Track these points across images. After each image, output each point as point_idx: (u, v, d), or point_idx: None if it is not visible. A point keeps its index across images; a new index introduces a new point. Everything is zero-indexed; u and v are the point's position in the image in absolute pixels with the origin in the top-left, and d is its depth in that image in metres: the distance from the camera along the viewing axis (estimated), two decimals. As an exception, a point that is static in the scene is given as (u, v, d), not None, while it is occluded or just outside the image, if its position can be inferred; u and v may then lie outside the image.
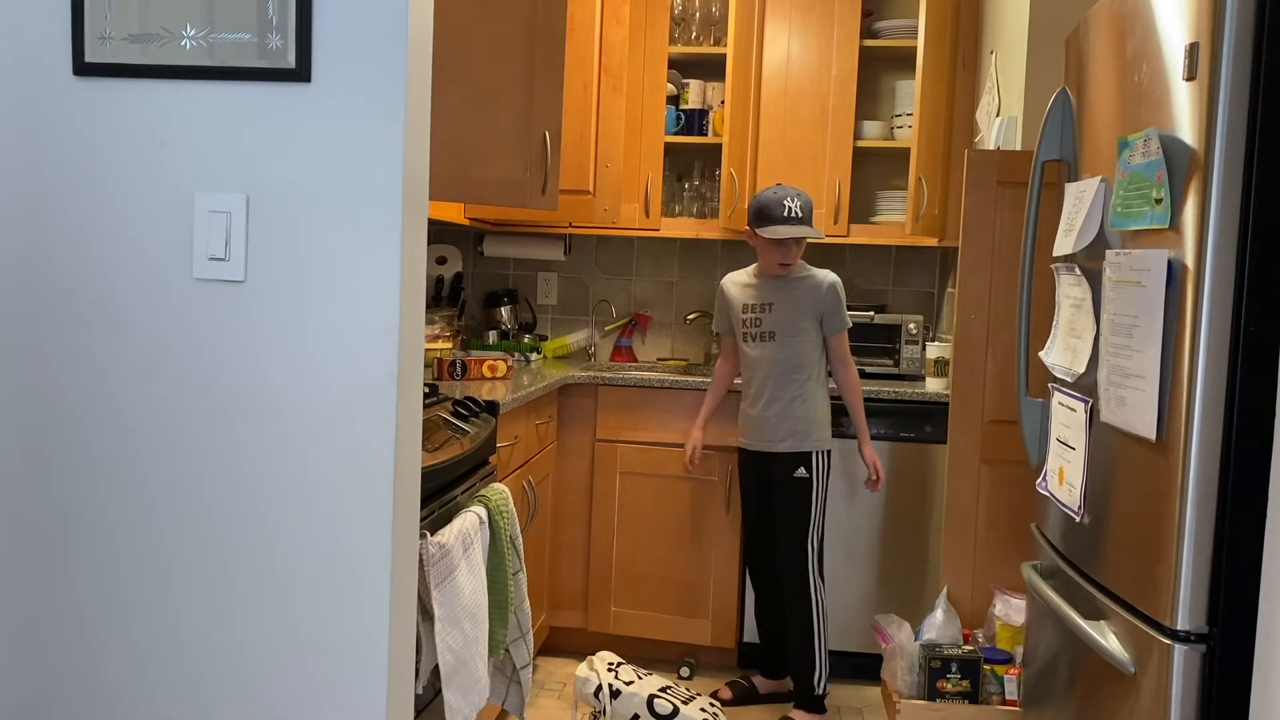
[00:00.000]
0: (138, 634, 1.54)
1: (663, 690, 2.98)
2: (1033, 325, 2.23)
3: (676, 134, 3.93)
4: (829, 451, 3.22)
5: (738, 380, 3.35)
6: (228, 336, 1.50)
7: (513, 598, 2.38)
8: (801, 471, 3.18)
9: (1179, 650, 1.63)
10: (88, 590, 1.55)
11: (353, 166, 1.46)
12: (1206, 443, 1.61)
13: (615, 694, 2.95)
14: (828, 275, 3.21)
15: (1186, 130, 1.65)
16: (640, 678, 3.04)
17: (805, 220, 3.13)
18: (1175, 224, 1.66)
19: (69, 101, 1.50)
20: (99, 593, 1.54)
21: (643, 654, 3.55)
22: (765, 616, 3.37)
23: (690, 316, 4.10)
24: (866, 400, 3.44)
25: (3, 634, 1.57)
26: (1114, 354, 1.83)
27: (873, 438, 3.45)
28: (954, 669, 2.67)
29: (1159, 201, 1.69)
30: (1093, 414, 1.92)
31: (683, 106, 3.98)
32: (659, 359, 4.20)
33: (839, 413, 3.30)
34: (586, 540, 3.63)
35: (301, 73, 1.45)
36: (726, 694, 3.34)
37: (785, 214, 3.11)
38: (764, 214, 3.13)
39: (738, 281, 3.31)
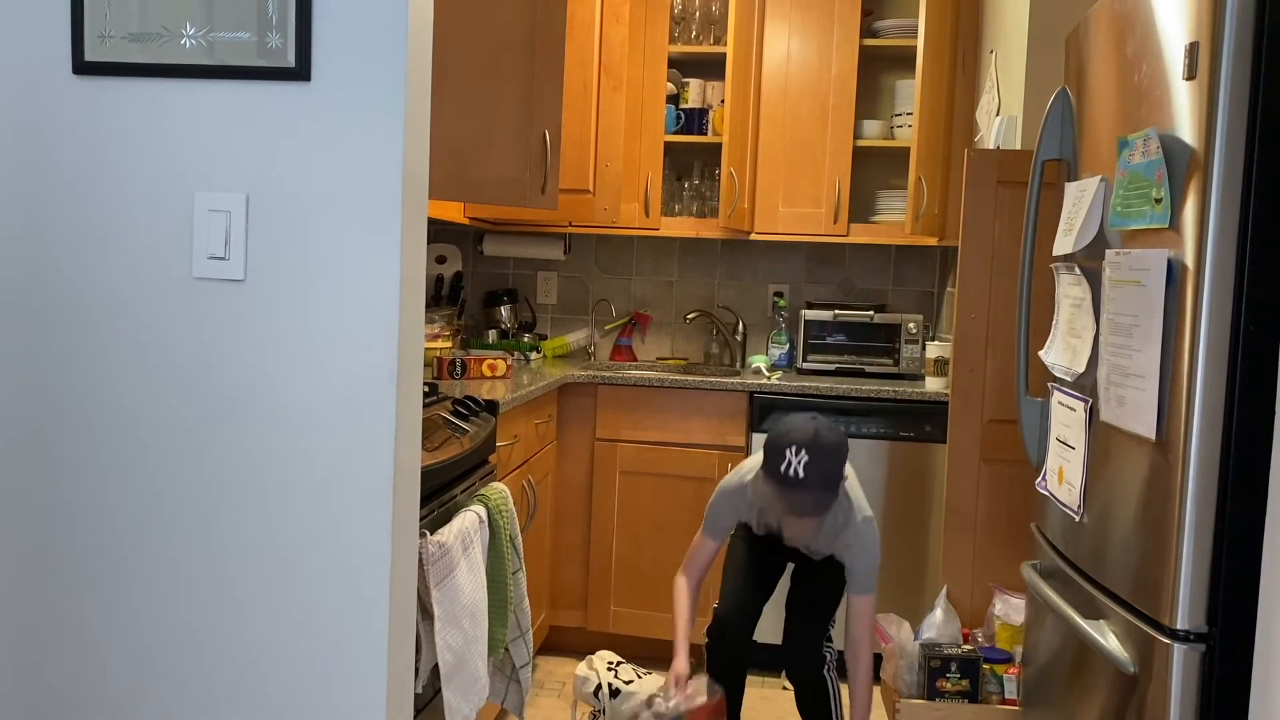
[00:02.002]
0: (139, 631, 1.54)
1: (662, 689, 2.98)
2: (1032, 325, 2.23)
3: (676, 133, 3.93)
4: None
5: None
6: (228, 336, 1.50)
7: (512, 597, 2.38)
8: None
9: (1179, 650, 1.63)
10: (90, 587, 1.55)
11: (352, 165, 1.46)
12: (1206, 442, 1.61)
13: (615, 693, 2.95)
14: (858, 517, 2.52)
15: (1186, 130, 1.65)
16: (640, 677, 3.03)
17: (811, 484, 2.35)
18: (1175, 224, 1.66)
19: (68, 100, 1.50)
20: (101, 590, 1.54)
21: (642, 653, 3.54)
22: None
23: (690, 316, 4.10)
24: (865, 399, 3.45)
25: (7, 630, 1.57)
26: (1114, 353, 1.82)
27: (873, 437, 3.45)
28: (953, 668, 2.67)
29: (1159, 201, 1.69)
30: (1092, 413, 1.91)
31: (683, 106, 3.98)
32: (659, 358, 4.20)
33: (831, 411, 3.23)
34: (586, 539, 3.63)
35: (301, 72, 1.45)
36: None
37: (785, 469, 2.36)
38: (766, 456, 2.43)
39: (755, 496, 2.57)
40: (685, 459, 3.55)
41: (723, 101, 3.79)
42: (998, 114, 3.20)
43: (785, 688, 3.39)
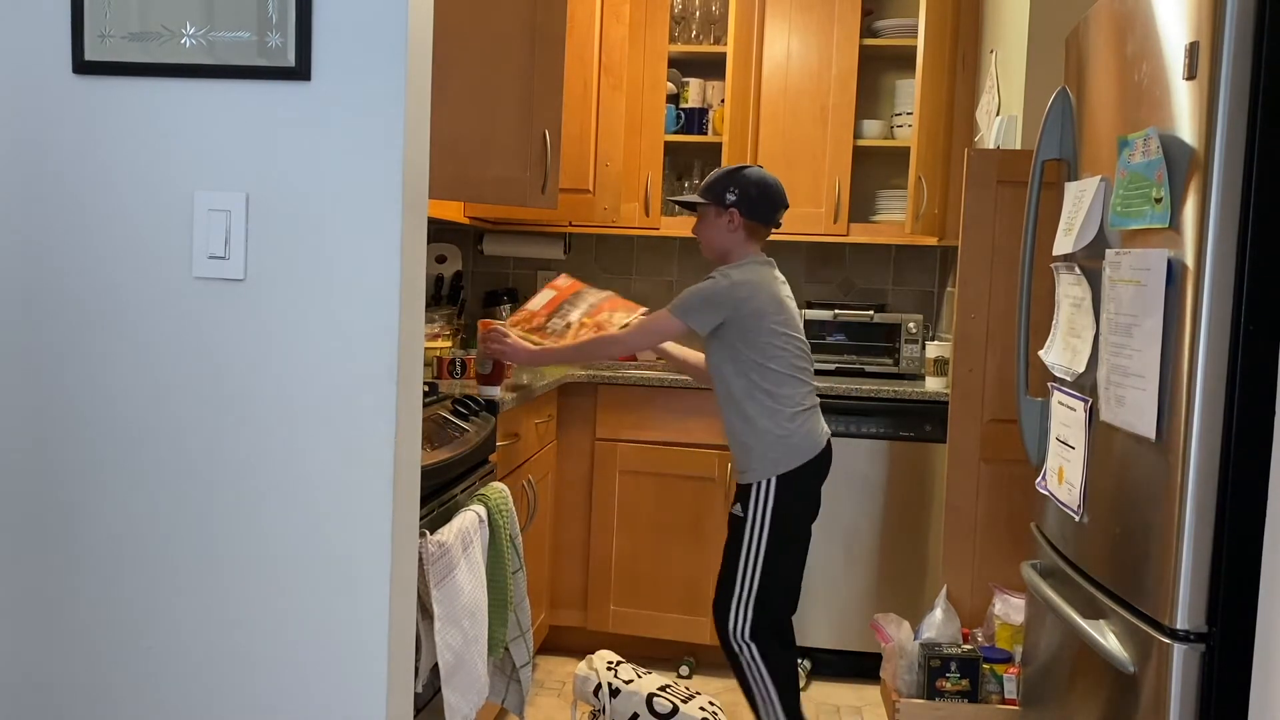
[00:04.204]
0: (138, 630, 1.54)
1: (662, 689, 2.98)
2: (1032, 324, 2.23)
3: (676, 133, 3.93)
4: (773, 482, 2.63)
5: None
6: (227, 335, 1.50)
7: (512, 596, 2.38)
8: (737, 509, 2.70)
9: (1178, 650, 1.63)
10: (89, 586, 1.55)
11: (353, 165, 1.46)
12: (1206, 442, 1.61)
13: (615, 692, 2.95)
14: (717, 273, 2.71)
15: (1186, 129, 1.65)
16: (640, 676, 3.03)
17: (701, 191, 2.78)
18: (1175, 223, 1.66)
19: (68, 100, 1.50)
20: (100, 589, 1.54)
21: (642, 652, 3.55)
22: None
23: (690, 315, 4.09)
24: (866, 399, 3.45)
25: (6, 629, 1.57)
26: (1114, 353, 1.83)
27: (873, 436, 3.46)
28: (953, 668, 2.67)
29: (1159, 201, 1.69)
30: (1092, 413, 1.91)
31: (683, 105, 3.98)
32: (659, 358, 4.19)
33: (831, 411, 3.26)
34: (586, 539, 3.63)
35: (301, 71, 1.45)
36: None
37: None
38: None
39: None
40: (685, 459, 3.55)
41: (723, 101, 3.79)
42: (998, 114, 3.20)
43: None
